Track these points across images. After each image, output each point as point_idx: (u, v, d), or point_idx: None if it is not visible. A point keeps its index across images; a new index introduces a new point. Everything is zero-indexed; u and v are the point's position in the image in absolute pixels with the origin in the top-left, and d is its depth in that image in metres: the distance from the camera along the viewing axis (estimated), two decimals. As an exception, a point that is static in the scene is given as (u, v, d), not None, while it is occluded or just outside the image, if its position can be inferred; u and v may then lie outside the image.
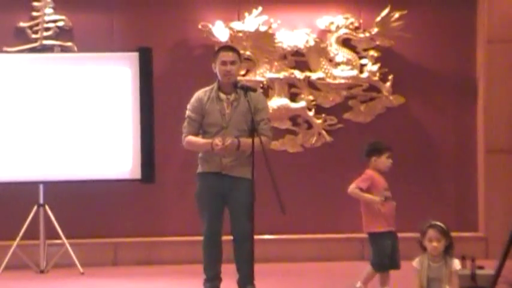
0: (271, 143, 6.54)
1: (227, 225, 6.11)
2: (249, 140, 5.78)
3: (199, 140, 6.11)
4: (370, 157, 6.39)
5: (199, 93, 6.17)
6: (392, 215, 6.31)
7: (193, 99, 6.18)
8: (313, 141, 8.61)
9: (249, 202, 5.79)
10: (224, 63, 6.04)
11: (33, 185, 7.99)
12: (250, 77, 8.41)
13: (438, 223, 5.66)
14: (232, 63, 6.06)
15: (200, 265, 6.23)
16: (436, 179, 8.74)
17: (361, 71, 8.56)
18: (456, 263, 5.65)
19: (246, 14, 8.45)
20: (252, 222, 5.76)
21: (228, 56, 6.08)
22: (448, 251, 5.65)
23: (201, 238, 6.17)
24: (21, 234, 7.84)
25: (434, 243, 5.58)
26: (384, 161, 6.37)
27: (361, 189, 6.30)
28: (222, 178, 6.04)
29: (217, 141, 5.89)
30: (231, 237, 6.09)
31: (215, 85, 6.13)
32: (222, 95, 6.08)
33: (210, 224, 6.09)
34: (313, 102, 8.57)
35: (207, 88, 6.16)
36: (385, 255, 6.26)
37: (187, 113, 6.17)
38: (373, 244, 6.34)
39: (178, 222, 8.49)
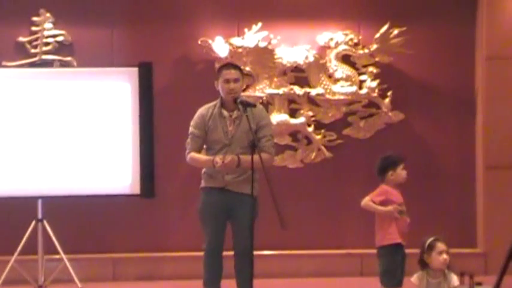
0: (274, 159, 6.48)
1: (229, 240, 6.11)
2: (250, 157, 5.75)
3: (201, 156, 6.13)
4: (387, 172, 6.30)
5: (202, 110, 6.18)
6: (405, 230, 6.23)
7: (196, 116, 6.18)
8: (313, 157, 8.61)
9: (251, 218, 5.77)
10: (227, 81, 6.04)
11: (31, 200, 7.96)
12: (250, 92, 8.41)
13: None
14: (235, 80, 6.06)
15: (200, 280, 6.21)
16: (435, 195, 8.73)
17: (360, 87, 8.56)
18: (455, 279, 5.64)
19: (246, 29, 8.47)
20: (251, 238, 5.75)
21: (231, 74, 6.07)
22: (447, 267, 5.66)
23: (201, 254, 6.16)
24: (19, 249, 7.81)
25: (445, 256, 5.57)
26: (400, 173, 6.27)
27: (374, 203, 6.23)
28: (226, 194, 6.04)
29: (218, 159, 5.91)
30: (232, 253, 6.09)
31: (218, 102, 6.13)
32: (225, 112, 6.08)
33: (211, 239, 6.09)
34: (313, 118, 8.57)
35: (210, 104, 6.16)
36: (397, 270, 6.17)
37: (191, 129, 6.17)
38: (384, 258, 6.20)
39: (179, 237, 8.48)
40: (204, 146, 6.22)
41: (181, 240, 8.44)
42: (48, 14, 8.45)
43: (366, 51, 8.57)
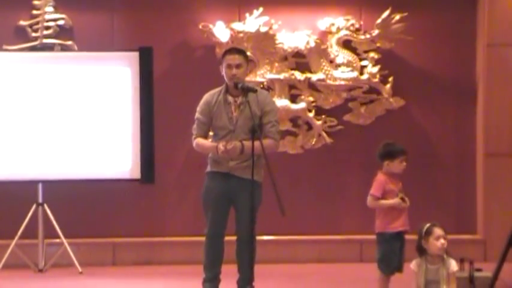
0: (279, 146, 6.45)
1: (231, 225, 6.12)
2: (255, 143, 5.73)
3: (206, 142, 6.14)
4: (383, 160, 6.28)
5: (207, 96, 6.17)
6: (406, 217, 6.24)
7: (201, 102, 6.17)
8: (313, 143, 8.61)
9: (254, 204, 5.77)
10: (230, 66, 6.02)
11: (32, 184, 7.98)
12: (251, 78, 8.39)
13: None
14: (238, 66, 6.03)
15: (199, 265, 6.23)
16: (435, 181, 8.74)
17: (361, 73, 8.55)
18: (453, 265, 5.65)
19: (247, 14, 8.45)
20: (254, 225, 5.76)
21: (234, 59, 6.05)
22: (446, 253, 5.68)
23: (200, 239, 6.17)
24: (19, 233, 7.84)
25: (442, 240, 5.59)
26: (396, 165, 6.21)
27: (377, 198, 6.21)
28: (230, 179, 6.04)
29: (221, 145, 5.91)
30: (234, 237, 6.11)
31: (223, 87, 6.12)
32: (230, 98, 6.07)
33: (213, 225, 6.10)
34: (314, 104, 8.57)
35: (216, 90, 6.15)
36: (393, 257, 6.20)
37: (196, 115, 6.18)
38: (382, 245, 6.21)
39: (178, 222, 8.50)
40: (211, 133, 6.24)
41: (180, 226, 8.46)
42: (48, -2, 8.44)
43: (367, 36, 8.55)
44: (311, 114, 8.56)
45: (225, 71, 6.05)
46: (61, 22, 8.46)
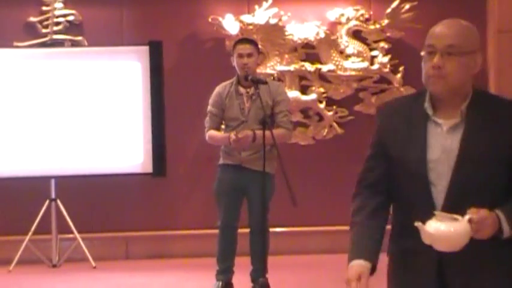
0: (292, 135, 6.53)
1: (244, 217, 6.13)
2: (266, 133, 5.75)
3: (218, 134, 6.18)
4: None
5: (219, 88, 6.20)
6: None
7: (213, 94, 6.21)
8: (324, 134, 8.60)
9: (266, 196, 5.79)
10: (241, 55, 6.05)
11: (44, 180, 8.01)
12: (261, 69, 8.39)
13: None
14: (249, 55, 6.06)
15: (212, 258, 6.25)
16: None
17: (371, 63, 8.53)
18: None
19: (256, 6, 8.44)
20: (266, 216, 5.77)
21: (245, 48, 6.08)
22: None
23: (212, 231, 6.19)
24: (33, 228, 7.87)
25: None
26: None
27: None
28: (241, 171, 6.06)
29: (232, 134, 5.93)
30: (247, 229, 6.12)
31: (234, 79, 6.14)
32: (242, 89, 6.09)
33: (225, 217, 6.12)
34: (324, 95, 8.56)
35: (227, 82, 6.18)
36: None
37: (209, 107, 6.21)
38: None
39: (190, 215, 8.50)
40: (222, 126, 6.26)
41: (192, 219, 8.46)
42: (58, -6, 8.45)
43: (377, 26, 8.53)
44: (322, 105, 8.55)
45: (236, 60, 6.07)
46: (71, 18, 8.47)
